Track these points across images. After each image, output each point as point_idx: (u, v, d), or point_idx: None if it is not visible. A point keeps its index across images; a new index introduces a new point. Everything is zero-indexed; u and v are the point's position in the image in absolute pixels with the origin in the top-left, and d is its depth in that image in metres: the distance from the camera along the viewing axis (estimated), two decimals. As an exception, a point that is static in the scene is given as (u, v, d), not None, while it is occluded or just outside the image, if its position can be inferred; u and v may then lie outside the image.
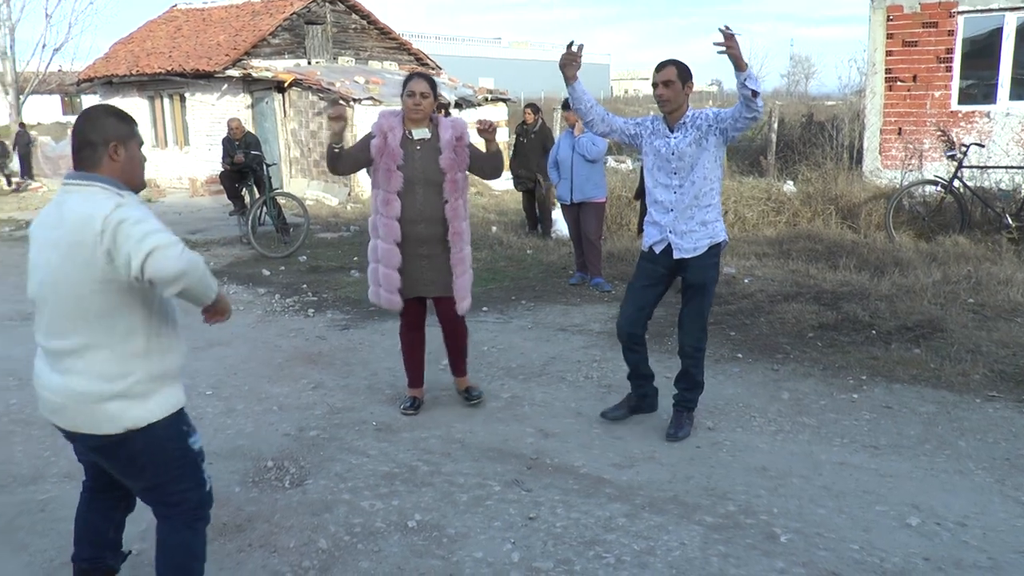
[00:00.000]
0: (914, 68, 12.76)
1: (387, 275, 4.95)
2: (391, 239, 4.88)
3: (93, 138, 2.70)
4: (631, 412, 4.97)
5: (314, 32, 20.49)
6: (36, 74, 32.38)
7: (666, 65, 4.47)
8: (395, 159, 4.80)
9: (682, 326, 4.75)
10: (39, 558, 3.65)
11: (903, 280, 7.92)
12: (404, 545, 3.61)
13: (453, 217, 4.90)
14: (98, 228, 2.54)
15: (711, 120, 4.43)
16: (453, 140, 4.86)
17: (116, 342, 2.69)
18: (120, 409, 2.70)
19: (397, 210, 4.83)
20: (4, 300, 8.94)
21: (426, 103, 4.83)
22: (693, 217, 4.53)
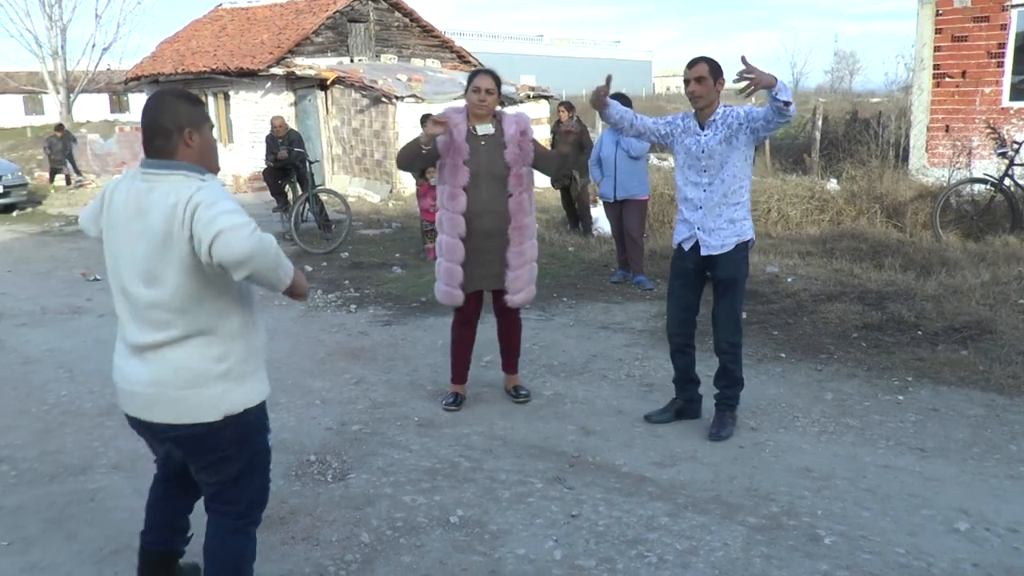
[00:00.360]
0: (963, 64, 12.54)
1: (449, 269, 5.02)
2: (455, 233, 4.96)
3: (167, 125, 2.64)
4: (676, 416, 4.95)
5: (357, 30, 20.62)
6: (86, 73, 33.05)
7: (698, 62, 4.50)
8: (461, 154, 4.89)
9: (716, 323, 4.73)
10: (89, 547, 3.71)
11: (950, 280, 7.78)
12: (446, 540, 3.63)
13: (516, 211, 4.96)
14: (181, 216, 2.54)
15: (742, 119, 4.43)
16: (517, 135, 4.93)
17: (216, 324, 2.70)
18: (221, 392, 2.71)
19: (463, 205, 4.91)
20: (54, 294, 9.12)
21: (491, 99, 4.92)
22: (721, 215, 4.53)
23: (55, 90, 32.41)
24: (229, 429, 2.76)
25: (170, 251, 2.59)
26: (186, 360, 2.68)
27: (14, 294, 9.16)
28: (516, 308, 5.20)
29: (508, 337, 5.35)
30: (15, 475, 4.50)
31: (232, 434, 2.78)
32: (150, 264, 2.62)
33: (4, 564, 3.59)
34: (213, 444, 2.79)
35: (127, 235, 2.68)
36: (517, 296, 5.11)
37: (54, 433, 5.08)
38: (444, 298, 5.11)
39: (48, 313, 8.24)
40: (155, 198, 2.61)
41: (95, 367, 6.35)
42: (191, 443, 2.80)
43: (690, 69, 4.49)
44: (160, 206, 2.58)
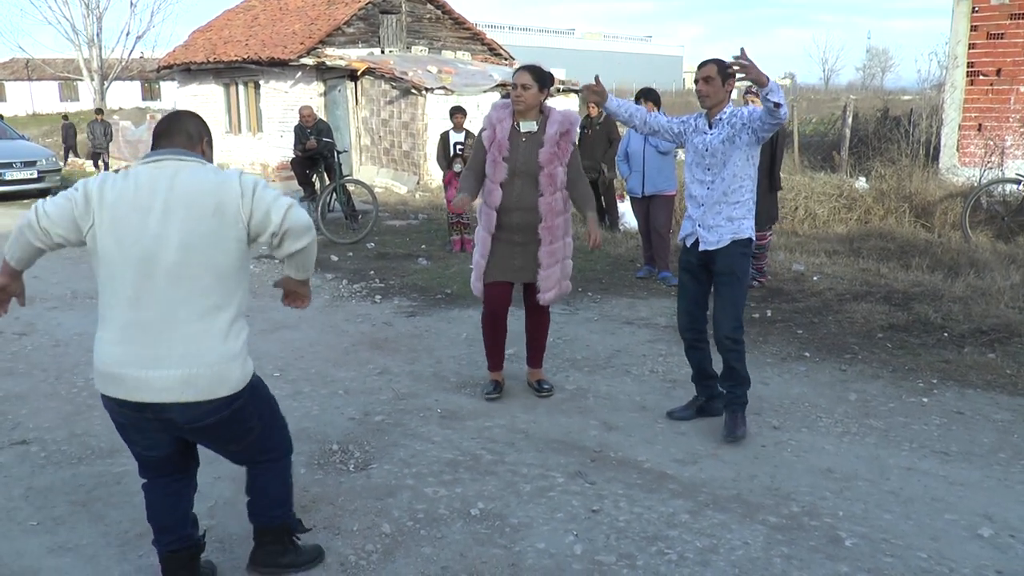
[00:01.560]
0: (998, 61, 12.39)
1: (477, 263, 5.13)
2: (487, 228, 5.04)
3: (192, 130, 3.01)
4: (698, 413, 4.94)
5: (388, 21, 20.66)
6: (120, 61, 33.39)
7: (707, 63, 4.61)
8: (502, 150, 4.95)
9: (715, 317, 4.71)
10: (115, 529, 3.77)
11: (979, 282, 7.70)
12: (466, 532, 3.65)
13: (547, 211, 4.98)
14: (238, 190, 2.83)
15: (745, 119, 4.51)
16: (557, 135, 4.93)
17: (235, 300, 2.92)
18: (240, 365, 2.94)
19: (497, 199, 4.97)
20: (84, 278, 9.22)
21: (527, 94, 4.92)
22: (720, 213, 4.60)
23: (90, 77, 32.75)
24: (246, 394, 2.99)
25: (215, 224, 2.81)
26: (212, 336, 2.86)
27: (45, 278, 9.27)
28: (547, 305, 5.23)
29: (536, 332, 5.38)
30: (44, 456, 4.57)
31: (249, 397, 3.02)
32: (191, 238, 2.79)
33: (33, 543, 3.66)
34: (234, 415, 2.98)
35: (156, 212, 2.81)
36: (548, 294, 5.14)
37: (82, 416, 5.15)
38: (476, 292, 5.24)
39: (78, 297, 8.34)
40: (187, 177, 2.85)
41: (123, 352, 6.42)
42: (210, 419, 2.93)
43: (700, 69, 4.62)
44: (201, 181, 2.84)
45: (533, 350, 5.43)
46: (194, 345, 2.83)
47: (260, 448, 3.20)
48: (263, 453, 3.22)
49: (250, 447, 3.17)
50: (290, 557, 3.37)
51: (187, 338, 2.82)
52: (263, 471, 3.27)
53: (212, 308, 2.85)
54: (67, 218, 2.88)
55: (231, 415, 2.97)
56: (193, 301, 2.83)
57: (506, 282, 5.15)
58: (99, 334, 2.94)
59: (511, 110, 5.01)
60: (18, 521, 3.86)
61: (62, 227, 2.88)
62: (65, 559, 3.54)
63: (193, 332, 2.83)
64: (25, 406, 5.32)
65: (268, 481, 3.28)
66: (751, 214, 4.68)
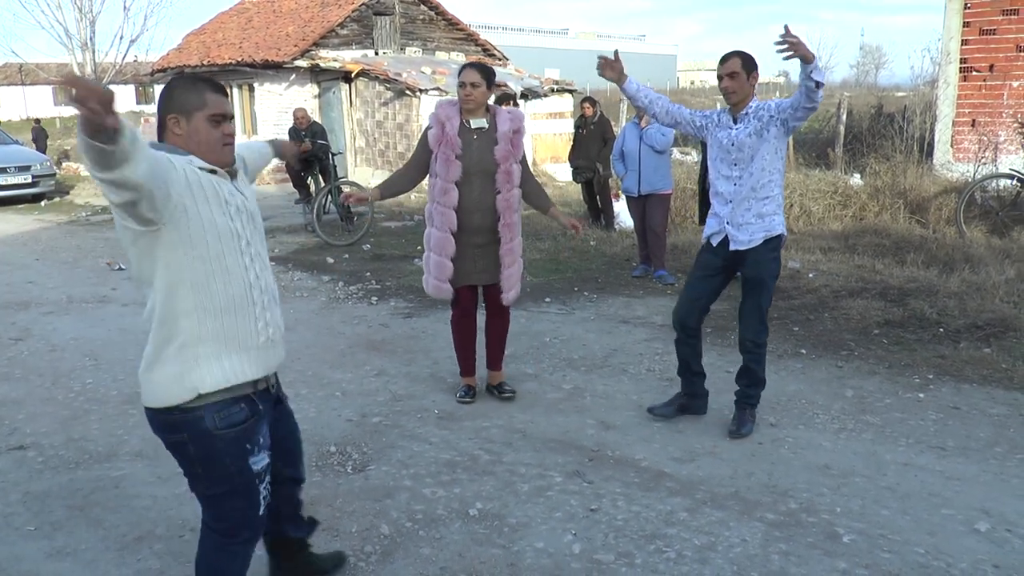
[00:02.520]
0: (991, 57, 12.42)
1: (439, 263, 5.01)
2: (446, 228, 4.95)
3: (160, 112, 2.60)
4: (680, 412, 4.90)
5: (382, 23, 20.65)
6: (113, 64, 33.28)
7: (731, 57, 4.46)
8: (454, 148, 4.87)
9: (741, 320, 4.70)
10: (113, 533, 3.77)
11: (974, 277, 7.71)
12: (465, 533, 3.65)
13: (505, 208, 4.96)
14: None
15: (772, 111, 4.41)
16: (510, 132, 4.92)
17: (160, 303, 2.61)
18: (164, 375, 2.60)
19: (454, 200, 4.90)
20: (80, 283, 9.23)
21: (477, 92, 4.89)
22: (750, 209, 4.49)
23: (83, 81, 32.63)
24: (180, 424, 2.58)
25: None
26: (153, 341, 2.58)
27: (41, 283, 9.28)
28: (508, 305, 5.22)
29: (497, 333, 5.35)
30: (41, 461, 4.57)
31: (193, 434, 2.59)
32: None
33: (31, 548, 3.65)
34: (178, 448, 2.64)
35: None
36: (510, 293, 5.13)
37: (79, 420, 5.15)
38: (434, 292, 5.11)
39: (74, 302, 8.33)
40: None
41: (119, 355, 6.43)
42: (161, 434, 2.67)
43: (723, 64, 4.45)
44: None
45: (493, 351, 5.38)
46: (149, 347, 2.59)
47: (204, 505, 2.76)
48: (214, 519, 2.76)
49: (201, 499, 2.75)
50: None
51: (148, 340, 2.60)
52: (202, 536, 2.82)
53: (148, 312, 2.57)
54: None
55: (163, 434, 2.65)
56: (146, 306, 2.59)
57: (472, 285, 5.14)
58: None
59: (459, 108, 4.95)
60: (15, 526, 3.86)
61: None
62: (64, 564, 3.54)
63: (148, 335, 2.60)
64: (22, 411, 5.31)
65: (200, 551, 2.82)
66: (780, 209, 4.59)
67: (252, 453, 2.66)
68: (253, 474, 2.68)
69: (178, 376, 2.53)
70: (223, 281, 2.56)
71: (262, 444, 2.71)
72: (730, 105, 4.53)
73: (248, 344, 2.62)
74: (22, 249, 11.63)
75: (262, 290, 2.67)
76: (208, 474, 2.64)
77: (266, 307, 2.68)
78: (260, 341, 2.66)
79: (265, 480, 2.73)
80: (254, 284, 2.64)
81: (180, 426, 2.57)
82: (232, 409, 2.60)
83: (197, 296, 2.52)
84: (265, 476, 2.73)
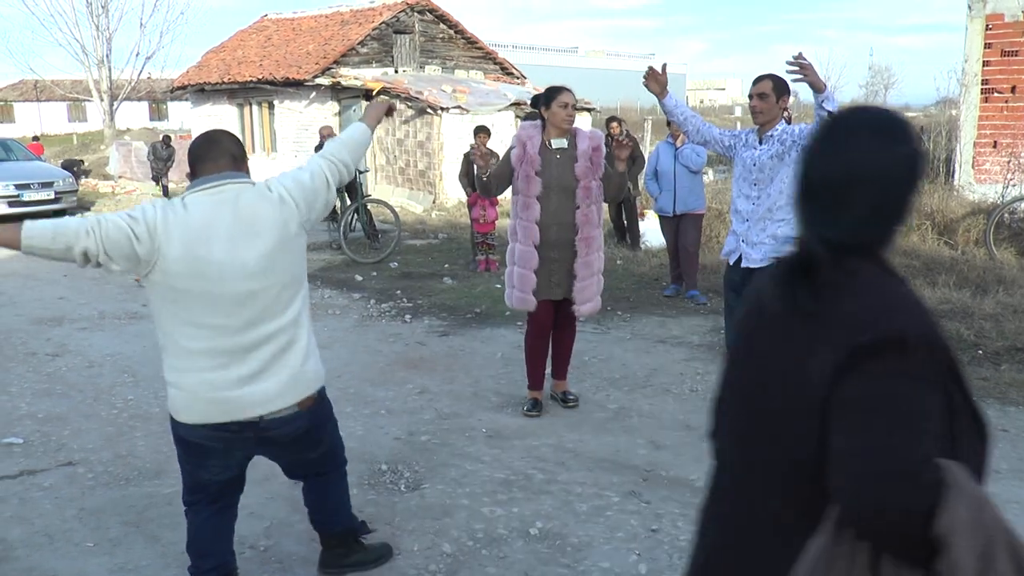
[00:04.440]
0: (1013, 79, 12.41)
1: (522, 275, 5.13)
2: (529, 241, 5.08)
3: (236, 151, 2.98)
4: None
5: (402, 41, 20.78)
6: (129, 81, 33.58)
7: (763, 79, 4.59)
8: (534, 165, 5.03)
9: None
10: (172, 550, 3.77)
11: (1008, 299, 7.69)
12: (528, 552, 3.65)
13: (584, 223, 5.07)
14: (275, 196, 2.93)
15: (795, 136, 4.50)
16: (590, 150, 5.05)
17: (302, 295, 3.03)
18: (315, 363, 3.06)
19: (536, 214, 5.05)
20: (111, 299, 9.27)
21: (574, 114, 5.13)
22: (765, 229, 4.60)
23: (99, 98, 32.93)
24: (322, 394, 3.15)
25: (286, 238, 2.91)
26: (295, 344, 2.98)
27: (72, 299, 9.32)
28: (567, 317, 5.30)
29: (564, 344, 5.47)
30: (92, 477, 4.58)
31: (322, 398, 3.17)
32: (271, 261, 2.87)
33: (92, 565, 3.66)
34: (315, 416, 3.10)
35: (232, 242, 2.80)
36: (585, 306, 5.21)
37: (125, 437, 5.16)
38: (518, 304, 5.21)
39: (106, 318, 8.36)
40: (250, 200, 2.88)
41: (157, 372, 6.35)
42: (296, 426, 3.02)
43: (755, 85, 4.58)
44: (263, 205, 2.90)
45: (559, 361, 5.52)
46: (284, 357, 2.92)
47: (332, 454, 3.34)
48: (333, 459, 3.37)
49: (325, 454, 3.29)
50: (356, 557, 3.49)
51: (276, 352, 2.91)
52: (326, 481, 3.36)
53: (296, 317, 2.96)
54: (129, 256, 2.78)
55: (311, 420, 3.07)
56: (281, 314, 2.92)
57: (550, 300, 5.20)
58: (182, 365, 2.92)
59: (540, 128, 5.12)
60: (75, 542, 3.87)
61: (121, 263, 2.81)
62: (128, 580, 3.55)
63: (281, 345, 2.92)
64: (67, 427, 5.33)
65: (331, 490, 3.40)
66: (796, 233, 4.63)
67: None
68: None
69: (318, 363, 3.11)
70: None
71: None
72: (758, 125, 4.65)
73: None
74: (48, 265, 11.61)
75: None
76: (330, 417, 3.32)
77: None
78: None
79: None
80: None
81: (321, 396, 3.13)
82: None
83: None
84: None
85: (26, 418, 5.51)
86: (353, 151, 3.21)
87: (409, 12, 20.80)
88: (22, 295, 9.57)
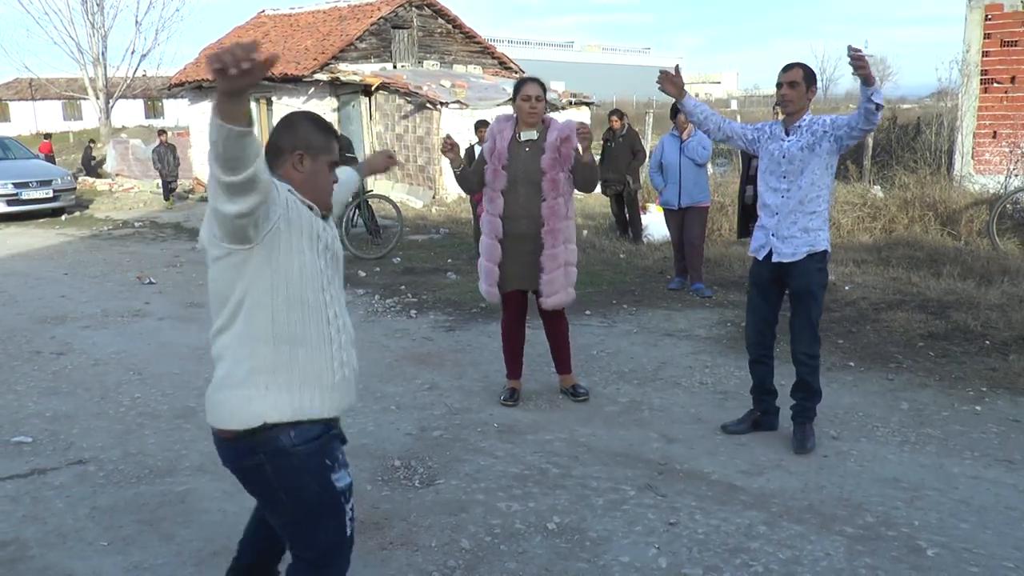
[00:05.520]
0: (1013, 69, 12.41)
1: (487, 268, 5.25)
2: (493, 235, 5.18)
3: (282, 143, 2.55)
4: (753, 427, 4.89)
5: (400, 36, 20.72)
6: (124, 79, 33.43)
7: (793, 67, 4.48)
8: (501, 159, 5.09)
9: (793, 334, 4.68)
10: (187, 548, 3.75)
11: (1014, 289, 7.70)
12: (547, 547, 3.63)
13: (550, 215, 5.09)
14: None
15: (826, 126, 4.40)
16: (557, 141, 5.04)
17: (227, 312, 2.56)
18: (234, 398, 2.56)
19: (500, 207, 5.12)
20: (113, 297, 9.24)
21: (540, 106, 5.08)
22: (796, 223, 4.49)
23: (95, 96, 32.81)
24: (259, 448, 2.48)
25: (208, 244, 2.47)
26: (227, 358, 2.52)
27: (74, 297, 9.29)
28: (554, 310, 5.31)
29: (553, 338, 5.49)
30: (103, 475, 4.56)
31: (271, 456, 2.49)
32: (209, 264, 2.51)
33: (108, 564, 3.64)
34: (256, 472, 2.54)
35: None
36: (551, 299, 5.22)
37: (134, 435, 5.14)
38: (486, 295, 5.37)
39: (110, 316, 8.33)
40: None
41: (164, 370, 6.43)
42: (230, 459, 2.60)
43: (784, 73, 4.46)
44: None
45: (557, 356, 5.53)
46: (216, 366, 2.54)
47: (290, 535, 2.63)
48: (302, 548, 2.62)
49: (284, 528, 2.63)
50: None
51: (215, 358, 2.55)
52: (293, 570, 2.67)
53: (215, 332, 2.51)
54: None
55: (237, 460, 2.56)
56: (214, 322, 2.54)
57: (520, 290, 5.30)
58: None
59: (513, 121, 5.15)
60: (89, 541, 3.85)
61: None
62: (144, 579, 3.53)
63: (215, 353, 2.54)
64: (75, 426, 5.31)
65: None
66: (827, 225, 4.59)
67: (333, 469, 2.55)
68: (337, 491, 2.55)
69: (247, 400, 2.44)
70: (300, 312, 2.48)
71: (341, 461, 2.59)
72: (785, 115, 4.55)
73: (322, 382, 2.52)
74: (49, 263, 11.64)
75: (339, 328, 2.59)
76: (290, 496, 2.51)
77: (343, 346, 2.59)
78: (335, 380, 2.56)
79: (351, 501, 2.62)
80: (332, 321, 2.56)
81: (254, 448, 2.47)
82: (304, 425, 2.49)
83: (275, 323, 2.44)
84: (350, 496, 2.61)
85: (34, 416, 5.49)
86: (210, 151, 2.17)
87: (407, 7, 20.74)
88: (23, 293, 9.53)
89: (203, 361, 6.64)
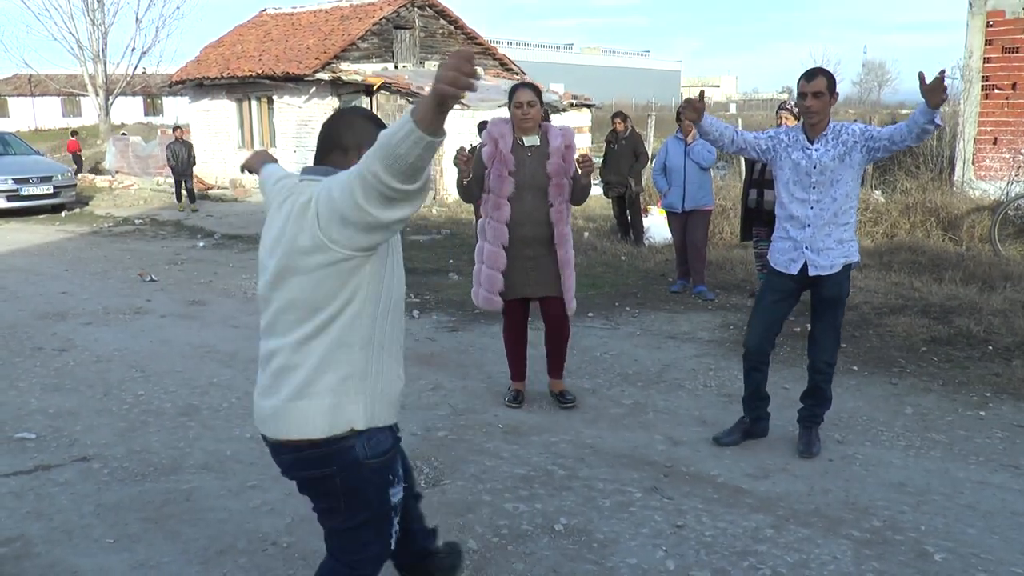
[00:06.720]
0: (1014, 75, 12.44)
1: (490, 276, 5.15)
2: (498, 242, 5.09)
3: (346, 142, 2.48)
4: (744, 437, 4.81)
5: (402, 36, 20.73)
6: (124, 76, 33.42)
7: (816, 75, 4.31)
8: (507, 165, 5.01)
9: (815, 342, 4.63)
10: (193, 547, 3.74)
11: (1016, 295, 7.71)
12: (555, 548, 3.63)
13: (558, 220, 5.07)
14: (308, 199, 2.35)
15: (858, 136, 4.27)
16: (562, 147, 5.03)
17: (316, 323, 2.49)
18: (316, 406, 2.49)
19: (506, 214, 5.04)
20: (114, 294, 9.23)
21: (533, 111, 5.02)
22: (831, 235, 4.38)
23: (94, 92, 32.80)
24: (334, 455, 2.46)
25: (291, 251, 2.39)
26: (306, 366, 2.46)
27: (76, 294, 9.28)
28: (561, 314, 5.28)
29: (557, 343, 5.41)
30: (108, 473, 4.55)
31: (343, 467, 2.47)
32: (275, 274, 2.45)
33: (113, 561, 3.63)
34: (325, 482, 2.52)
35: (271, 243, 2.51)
36: (573, 302, 5.25)
37: (138, 432, 5.13)
38: (484, 303, 5.25)
39: (111, 313, 8.32)
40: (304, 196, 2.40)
41: (167, 367, 6.42)
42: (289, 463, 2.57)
43: (808, 83, 4.27)
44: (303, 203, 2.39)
45: (554, 360, 5.47)
46: (280, 381, 2.45)
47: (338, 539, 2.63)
48: (342, 551, 2.63)
49: (331, 531, 2.64)
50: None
51: (277, 373, 2.46)
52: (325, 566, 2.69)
53: (294, 346, 2.42)
54: None
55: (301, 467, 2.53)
56: (281, 334, 2.46)
57: (524, 298, 5.24)
58: None
59: (511, 125, 5.07)
60: (94, 538, 3.84)
61: None
62: (150, 577, 3.52)
63: (281, 366, 2.45)
64: (79, 423, 5.30)
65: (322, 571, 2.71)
66: (856, 235, 4.53)
67: (392, 484, 2.55)
68: (391, 506, 2.56)
69: (336, 407, 2.40)
70: (392, 318, 2.47)
71: (400, 476, 2.60)
72: (809, 124, 4.38)
73: (391, 389, 2.52)
74: (49, 259, 11.63)
75: (401, 344, 2.60)
76: (349, 506, 2.51)
77: (401, 360, 2.60)
78: (399, 388, 2.58)
79: (398, 515, 2.63)
80: (402, 333, 2.58)
81: (330, 458, 2.44)
82: (380, 436, 2.48)
83: (375, 330, 2.41)
84: (399, 511, 2.62)
85: (37, 413, 5.48)
86: (385, 156, 2.06)
87: (409, 7, 20.77)
88: (24, 290, 9.52)
89: (206, 359, 6.64)
